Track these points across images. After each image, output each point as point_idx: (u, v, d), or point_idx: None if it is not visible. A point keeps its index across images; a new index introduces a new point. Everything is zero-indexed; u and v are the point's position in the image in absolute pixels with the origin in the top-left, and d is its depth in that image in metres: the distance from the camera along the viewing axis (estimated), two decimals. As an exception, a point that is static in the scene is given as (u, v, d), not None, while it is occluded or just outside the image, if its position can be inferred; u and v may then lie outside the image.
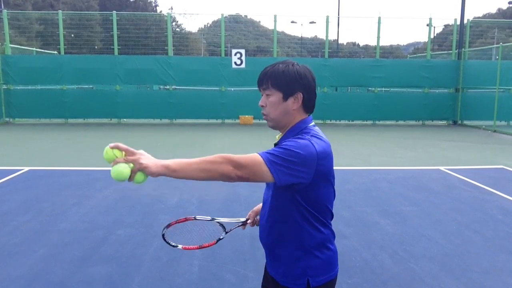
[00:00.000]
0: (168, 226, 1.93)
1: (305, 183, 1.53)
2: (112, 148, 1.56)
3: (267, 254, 1.75)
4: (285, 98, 1.62)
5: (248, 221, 1.99)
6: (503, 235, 4.49)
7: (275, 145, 1.64)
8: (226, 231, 2.03)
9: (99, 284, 3.33)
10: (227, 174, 1.43)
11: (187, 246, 1.88)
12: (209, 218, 1.99)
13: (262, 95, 1.70)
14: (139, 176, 1.50)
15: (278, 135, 1.71)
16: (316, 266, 1.61)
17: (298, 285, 1.61)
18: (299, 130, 1.62)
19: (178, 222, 1.96)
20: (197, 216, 1.98)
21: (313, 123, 1.68)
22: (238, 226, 2.03)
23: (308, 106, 1.65)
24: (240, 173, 1.44)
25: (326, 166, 1.58)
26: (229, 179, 1.44)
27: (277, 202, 1.63)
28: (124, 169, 1.51)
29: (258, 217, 1.96)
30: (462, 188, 6.44)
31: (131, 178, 1.51)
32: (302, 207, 1.59)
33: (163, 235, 1.90)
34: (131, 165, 1.51)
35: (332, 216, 1.69)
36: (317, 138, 1.58)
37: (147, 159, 1.52)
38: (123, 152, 1.55)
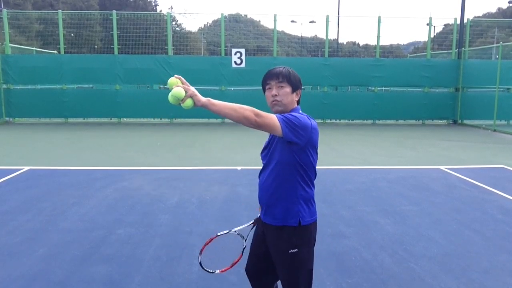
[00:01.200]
0: (201, 252, 2.42)
1: (301, 144, 2.10)
2: (176, 78, 2.04)
3: (266, 209, 2.26)
4: (293, 91, 2.24)
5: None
6: (503, 235, 4.49)
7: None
8: (245, 238, 2.50)
9: (99, 284, 3.33)
10: (249, 118, 1.94)
11: (223, 269, 2.48)
12: (227, 231, 2.47)
13: (271, 88, 2.22)
14: (189, 101, 1.95)
15: None
16: (304, 213, 2.20)
17: (293, 222, 2.18)
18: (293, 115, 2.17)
19: (207, 244, 2.43)
20: (218, 233, 2.44)
21: (301, 111, 2.27)
22: (251, 228, 2.48)
23: (299, 100, 2.31)
24: (259, 120, 1.96)
25: (316, 137, 2.17)
26: (249, 122, 1.94)
27: (284, 154, 2.15)
28: (181, 91, 1.95)
29: None
30: (462, 187, 6.44)
31: (183, 100, 1.96)
32: (300, 167, 2.16)
33: (200, 263, 2.42)
34: (185, 92, 1.95)
35: (313, 183, 2.27)
36: (309, 117, 2.19)
37: (197, 92, 1.97)
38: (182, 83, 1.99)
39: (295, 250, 2.17)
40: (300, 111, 2.25)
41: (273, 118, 1.99)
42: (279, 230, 2.21)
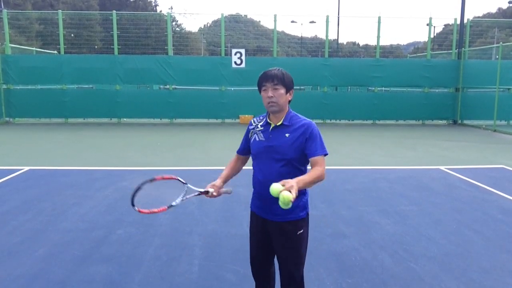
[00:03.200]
0: (152, 180, 2.50)
1: None
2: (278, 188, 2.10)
3: (273, 204, 2.24)
4: (286, 92, 2.38)
5: (213, 192, 2.53)
6: (503, 235, 4.49)
7: (279, 125, 2.39)
8: (183, 199, 2.55)
9: (99, 284, 3.33)
10: (322, 178, 2.30)
11: (142, 210, 2.48)
12: (184, 181, 2.55)
13: (266, 90, 2.36)
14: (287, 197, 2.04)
15: (269, 119, 2.44)
16: (306, 201, 2.47)
17: (302, 215, 2.41)
18: (293, 114, 2.44)
19: (164, 179, 2.50)
20: (179, 178, 2.53)
21: None
22: (197, 195, 2.53)
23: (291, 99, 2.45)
24: (324, 170, 2.33)
25: None
26: (323, 178, 2.31)
27: (295, 156, 2.36)
28: (288, 197, 2.02)
29: (223, 189, 2.58)
30: (462, 188, 6.44)
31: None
32: (305, 161, 2.41)
33: (133, 196, 2.54)
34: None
35: None
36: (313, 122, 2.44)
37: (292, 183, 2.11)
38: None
39: (301, 231, 2.41)
40: (292, 112, 2.46)
41: (323, 160, 2.37)
42: (288, 223, 2.39)
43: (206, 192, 2.51)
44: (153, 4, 61.78)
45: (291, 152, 2.34)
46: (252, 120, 2.57)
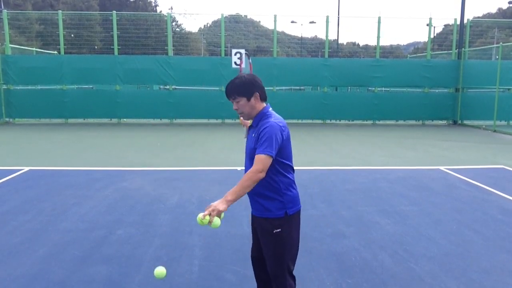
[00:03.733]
0: None
1: (281, 145, 2.39)
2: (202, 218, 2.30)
3: (253, 200, 2.53)
4: (248, 99, 2.45)
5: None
6: (503, 235, 4.48)
7: (250, 126, 2.55)
8: None
9: (99, 284, 3.33)
10: (257, 179, 2.31)
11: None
12: None
13: (233, 103, 2.50)
14: (216, 220, 2.28)
15: (249, 122, 2.60)
16: (288, 200, 2.45)
17: (279, 214, 2.43)
18: (263, 115, 2.48)
19: None
20: None
21: (270, 108, 2.54)
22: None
23: (263, 97, 2.50)
24: (263, 174, 2.32)
25: (287, 132, 2.45)
26: (259, 178, 2.31)
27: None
28: (217, 222, 2.29)
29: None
30: (462, 188, 6.44)
31: (211, 222, 2.30)
32: (278, 159, 2.40)
33: None
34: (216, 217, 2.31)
35: (293, 167, 2.54)
36: (275, 118, 2.45)
37: (219, 205, 2.34)
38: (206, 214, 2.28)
39: (278, 230, 2.43)
40: (269, 109, 2.52)
41: (266, 160, 2.31)
42: (265, 219, 2.48)
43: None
44: (153, 5, 61.79)
45: (253, 152, 2.41)
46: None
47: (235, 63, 14.87)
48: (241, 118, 2.82)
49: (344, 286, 3.34)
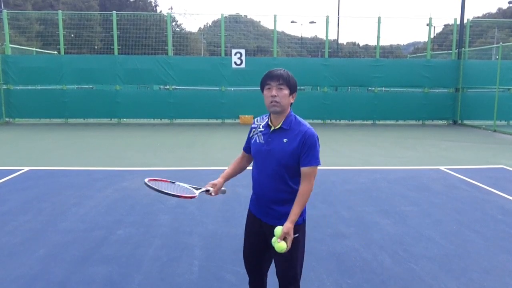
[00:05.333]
0: (150, 180, 2.54)
1: None
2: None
3: (268, 207, 2.41)
4: (290, 94, 2.35)
5: (212, 192, 2.59)
6: (503, 235, 4.49)
7: (278, 128, 2.35)
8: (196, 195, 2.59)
9: (99, 284, 3.33)
10: (310, 193, 2.31)
11: (179, 195, 2.53)
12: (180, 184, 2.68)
13: (270, 89, 2.32)
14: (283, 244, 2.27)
15: (270, 121, 2.41)
16: (303, 210, 2.39)
17: (298, 221, 2.34)
18: (294, 117, 2.38)
19: (157, 180, 2.61)
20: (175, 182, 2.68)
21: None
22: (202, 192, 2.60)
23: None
24: (312, 187, 2.32)
25: None
26: (311, 192, 2.32)
27: (290, 162, 2.31)
28: (283, 246, 2.26)
29: (223, 188, 2.64)
30: (462, 188, 6.44)
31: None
32: (298, 168, 2.33)
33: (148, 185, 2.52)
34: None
35: None
36: (307, 124, 2.38)
37: (288, 228, 2.26)
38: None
39: (296, 235, 2.34)
40: (293, 114, 2.43)
41: (314, 172, 2.31)
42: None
43: (207, 191, 2.59)
44: (153, 5, 61.77)
45: (286, 157, 2.30)
46: (255, 119, 2.54)
47: (235, 63, 14.91)
48: (214, 190, 2.60)
49: (344, 286, 3.34)
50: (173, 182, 2.66)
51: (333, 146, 10.42)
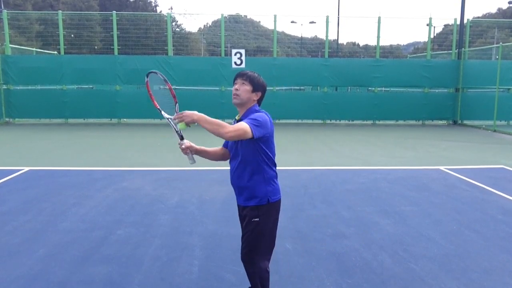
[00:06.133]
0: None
1: (267, 136, 2.56)
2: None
3: (238, 191, 2.71)
4: (253, 91, 2.63)
5: (186, 143, 2.90)
6: (503, 235, 4.48)
7: (238, 120, 2.65)
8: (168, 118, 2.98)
9: (99, 284, 3.33)
10: (222, 135, 2.42)
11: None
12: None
13: (236, 84, 2.66)
14: (181, 124, 2.57)
15: (237, 116, 2.72)
16: (271, 191, 2.64)
17: (263, 201, 2.61)
18: (253, 110, 2.64)
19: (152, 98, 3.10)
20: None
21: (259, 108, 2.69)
22: (175, 129, 2.87)
23: (260, 100, 2.71)
24: (234, 134, 2.40)
25: (273, 127, 2.63)
26: (224, 135, 2.41)
27: (248, 151, 2.59)
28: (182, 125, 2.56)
29: (193, 154, 2.95)
30: (462, 188, 6.44)
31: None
32: (264, 152, 2.60)
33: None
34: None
35: (275, 163, 2.72)
36: (265, 112, 2.61)
37: (193, 114, 2.54)
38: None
39: (256, 219, 2.60)
40: (257, 108, 2.67)
41: (245, 131, 2.42)
42: (254, 208, 2.63)
43: (182, 138, 2.86)
44: (153, 5, 61.74)
45: (243, 147, 2.58)
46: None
47: (235, 63, 14.91)
48: (186, 144, 2.90)
49: (344, 286, 3.34)
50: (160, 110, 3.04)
51: (333, 146, 10.42)
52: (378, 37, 15.57)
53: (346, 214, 5.13)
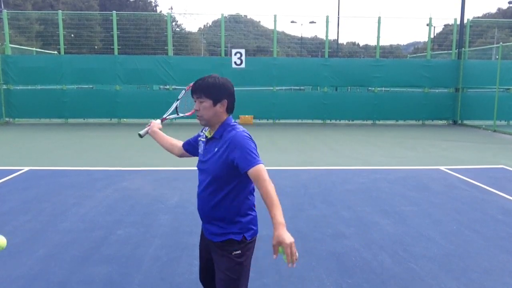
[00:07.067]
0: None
1: None
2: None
3: (206, 221, 2.23)
4: (214, 104, 2.14)
5: (152, 125, 2.72)
6: (503, 235, 4.48)
7: (210, 138, 2.21)
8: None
9: (99, 284, 3.33)
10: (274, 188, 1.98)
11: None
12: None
13: (195, 102, 2.19)
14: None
15: (207, 131, 2.26)
16: (248, 222, 2.17)
17: (236, 238, 2.14)
18: (227, 126, 2.17)
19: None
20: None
21: (233, 120, 2.23)
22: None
23: (230, 108, 2.20)
24: (269, 182, 2.00)
25: None
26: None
27: (222, 174, 2.11)
28: None
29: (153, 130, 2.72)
30: (462, 188, 6.44)
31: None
32: (241, 178, 2.11)
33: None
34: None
35: (254, 188, 2.22)
36: (242, 129, 2.16)
37: (286, 237, 1.88)
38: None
39: (237, 252, 2.15)
40: (232, 121, 2.22)
41: (261, 170, 2.02)
42: (223, 243, 2.16)
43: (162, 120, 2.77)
44: (153, 4, 61.75)
45: (217, 169, 2.11)
46: (204, 128, 2.34)
47: (235, 63, 14.91)
48: (155, 122, 2.67)
49: (344, 286, 3.34)
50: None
51: (333, 146, 10.42)
52: (378, 37, 15.58)
53: (346, 214, 5.13)
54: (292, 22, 28.20)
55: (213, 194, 2.15)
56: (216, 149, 2.14)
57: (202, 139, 2.30)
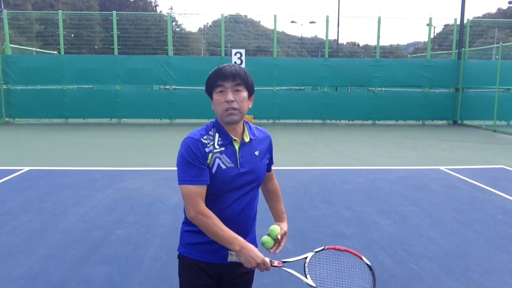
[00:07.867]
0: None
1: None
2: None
3: (249, 239, 1.92)
4: (249, 96, 1.83)
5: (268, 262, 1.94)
6: (503, 235, 4.48)
7: (248, 141, 1.81)
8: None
9: (99, 284, 3.33)
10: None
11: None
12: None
13: (224, 92, 1.79)
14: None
15: (235, 135, 1.82)
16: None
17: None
18: (246, 123, 1.89)
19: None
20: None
21: None
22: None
23: None
24: None
25: None
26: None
27: (261, 182, 1.92)
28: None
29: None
30: (462, 188, 6.44)
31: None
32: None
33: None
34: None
35: None
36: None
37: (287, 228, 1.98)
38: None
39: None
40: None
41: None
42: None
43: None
44: (153, 4, 61.75)
45: (262, 172, 1.86)
46: (199, 139, 1.81)
47: (235, 63, 14.91)
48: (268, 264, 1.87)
49: (344, 286, 3.33)
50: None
51: (333, 146, 10.42)
52: (378, 37, 15.58)
53: (346, 214, 5.13)
54: (292, 22, 28.21)
55: (252, 202, 1.87)
56: (257, 152, 1.82)
57: (219, 149, 1.77)
